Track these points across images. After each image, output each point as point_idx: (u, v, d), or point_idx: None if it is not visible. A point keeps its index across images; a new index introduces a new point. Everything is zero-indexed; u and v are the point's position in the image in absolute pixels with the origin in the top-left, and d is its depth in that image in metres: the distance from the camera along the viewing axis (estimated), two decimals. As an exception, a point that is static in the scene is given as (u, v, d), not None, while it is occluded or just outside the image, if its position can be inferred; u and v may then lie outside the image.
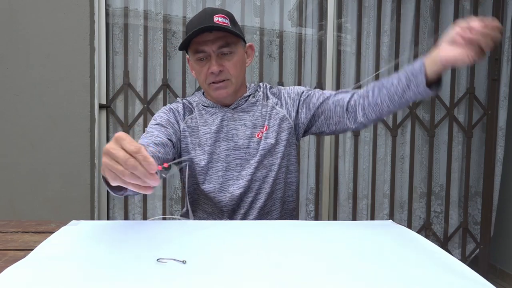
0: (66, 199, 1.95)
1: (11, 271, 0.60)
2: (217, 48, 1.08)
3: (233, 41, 1.10)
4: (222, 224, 0.92)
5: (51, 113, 1.93)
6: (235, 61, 1.11)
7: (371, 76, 2.20)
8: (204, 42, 1.07)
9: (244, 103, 1.17)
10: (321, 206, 2.26)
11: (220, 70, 1.09)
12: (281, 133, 1.14)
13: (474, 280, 0.59)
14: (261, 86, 1.23)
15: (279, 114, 1.16)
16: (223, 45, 1.08)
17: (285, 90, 1.21)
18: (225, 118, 1.14)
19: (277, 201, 1.16)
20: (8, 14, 1.90)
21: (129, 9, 2.13)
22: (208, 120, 1.15)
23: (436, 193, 2.38)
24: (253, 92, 1.19)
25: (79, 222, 0.90)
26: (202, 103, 1.18)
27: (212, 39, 1.07)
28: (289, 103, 1.18)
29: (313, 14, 2.25)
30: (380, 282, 0.58)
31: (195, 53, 1.10)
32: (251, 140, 1.13)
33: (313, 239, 0.79)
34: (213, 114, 1.15)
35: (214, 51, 1.08)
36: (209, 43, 1.07)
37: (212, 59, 1.08)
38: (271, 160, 1.13)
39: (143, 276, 0.60)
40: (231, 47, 1.09)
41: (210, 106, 1.17)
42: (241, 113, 1.16)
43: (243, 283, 0.57)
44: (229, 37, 1.09)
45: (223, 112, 1.15)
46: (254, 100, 1.18)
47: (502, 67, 2.30)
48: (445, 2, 2.29)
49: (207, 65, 1.09)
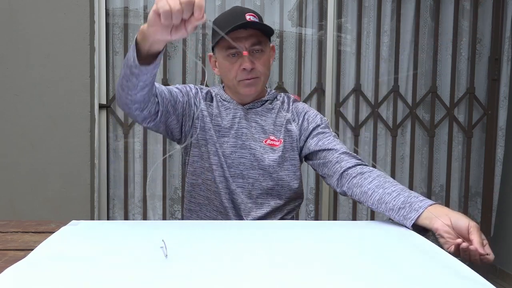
0: (66, 199, 1.95)
1: (11, 271, 0.60)
2: (250, 45, 1.09)
3: (263, 39, 1.11)
4: (223, 224, 0.92)
5: (51, 113, 1.93)
6: (264, 59, 1.12)
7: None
8: (238, 39, 1.08)
9: (260, 107, 1.18)
10: (321, 206, 2.26)
11: (252, 68, 1.09)
12: (291, 151, 1.15)
13: (474, 280, 0.59)
14: (282, 95, 1.23)
15: (293, 132, 1.16)
16: (255, 42, 1.09)
17: (308, 113, 1.19)
18: (238, 116, 1.15)
19: (278, 213, 1.16)
20: (8, 14, 1.90)
21: (129, 9, 2.13)
22: (223, 114, 1.16)
23: (436, 193, 2.38)
24: (271, 98, 1.20)
25: (79, 222, 0.90)
26: (221, 96, 1.19)
27: (245, 36, 1.08)
28: (304, 126, 1.17)
29: (313, 14, 2.25)
30: (380, 282, 0.58)
31: (227, 49, 1.10)
32: (257, 143, 1.14)
33: (313, 239, 0.79)
34: (227, 109, 1.16)
35: (247, 48, 1.09)
36: (243, 39, 1.08)
37: (245, 56, 1.09)
38: (277, 176, 1.13)
39: (143, 276, 0.60)
40: (262, 45, 1.11)
41: (227, 100, 1.17)
42: (253, 115, 1.16)
43: (243, 283, 0.57)
44: (261, 35, 1.10)
45: (237, 109, 1.16)
46: (271, 107, 1.18)
47: (502, 67, 2.30)
48: (445, 2, 2.29)
49: (239, 62, 1.10)
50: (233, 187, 1.12)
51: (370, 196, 0.96)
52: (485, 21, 2.32)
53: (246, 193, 1.13)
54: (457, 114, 2.33)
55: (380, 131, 2.30)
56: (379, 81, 2.26)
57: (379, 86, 2.27)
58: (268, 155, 1.13)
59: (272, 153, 1.13)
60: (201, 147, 1.14)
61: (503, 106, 2.32)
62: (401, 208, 0.89)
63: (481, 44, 2.33)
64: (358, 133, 2.27)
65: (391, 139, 2.30)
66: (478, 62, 2.33)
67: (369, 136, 2.30)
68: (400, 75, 2.28)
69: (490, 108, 2.31)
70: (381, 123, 2.29)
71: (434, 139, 2.33)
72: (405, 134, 2.33)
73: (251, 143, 1.13)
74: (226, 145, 1.13)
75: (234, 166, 1.13)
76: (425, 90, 2.31)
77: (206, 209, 1.17)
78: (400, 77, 2.29)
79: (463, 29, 2.30)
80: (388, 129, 2.29)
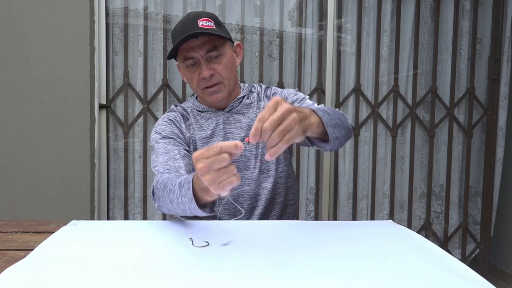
0: (66, 199, 1.95)
1: (11, 271, 0.60)
2: (205, 52, 1.07)
3: (220, 43, 1.09)
4: (223, 225, 0.92)
5: (51, 113, 1.93)
6: (224, 63, 1.09)
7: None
8: (192, 49, 1.06)
9: (239, 105, 1.17)
10: (321, 206, 2.26)
11: (211, 74, 1.08)
12: None
13: (474, 280, 0.59)
14: (255, 86, 1.22)
15: None
16: (210, 48, 1.07)
17: (275, 94, 1.19)
18: (220, 122, 1.14)
19: (277, 206, 1.16)
20: (8, 14, 1.90)
21: (129, 9, 2.13)
22: (204, 125, 1.15)
23: (436, 193, 2.38)
24: (247, 93, 1.19)
25: (79, 222, 0.90)
26: (196, 108, 1.18)
27: (198, 44, 1.06)
28: None
29: (313, 14, 2.25)
30: (380, 282, 0.58)
31: (184, 60, 1.09)
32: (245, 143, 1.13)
33: (313, 239, 0.79)
34: (209, 118, 1.15)
35: (202, 56, 1.07)
36: (197, 48, 1.06)
37: (202, 64, 1.07)
38: (269, 166, 1.13)
39: (143, 276, 0.60)
40: (219, 49, 1.08)
41: (205, 110, 1.16)
42: (236, 115, 1.15)
43: (244, 283, 0.57)
44: (216, 40, 1.08)
45: (218, 116, 1.15)
46: (249, 101, 1.17)
47: (502, 67, 2.30)
48: (445, 2, 2.29)
49: (198, 71, 1.09)
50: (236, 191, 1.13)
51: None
52: (485, 21, 2.32)
53: (244, 196, 1.13)
54: (457, 114, 2.33)
55: (380, 131, 2.30)
56: (379, 81, 2.26)
57: (379, 86, 2.27)
58: (261, 151, 1.12)
59: (263, 147, 1.12)
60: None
61: (503, 106, 2.32)
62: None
63: (481, 44, 2.33)
64: (358, 133, 2.27)
65: (391, 139, 2.30)
66: (478, 62, 2.33)
67: (369, 136, 2.30)
68: (400, 75, 2.28)
69: (490, 108, 2.31)
70: (381, 123, 2.29)
71: (434, 139, 2.33)
72: (405, 134, 2.33)
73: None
74: None
75: None
76: (425, 90, 2.31)
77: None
78: (400, 77, 2.28)
79: (463, 29, 2.30)
80: (388, 129, 2.29)
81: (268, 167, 1.13)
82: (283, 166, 1.16)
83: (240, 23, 2.18)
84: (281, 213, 1.17)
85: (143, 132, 2.16)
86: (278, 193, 1.16)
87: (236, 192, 1.12)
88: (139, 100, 2.14)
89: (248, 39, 2.20)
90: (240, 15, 2.18)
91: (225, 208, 1.14)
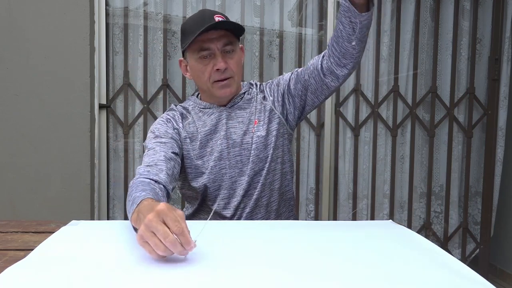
0: (66, 199, 1.95)
1: (11, 271, 0.60)
2: (222, 45, 1.10)
3: (234, 40, 1.13)
4: (223, 224, 0.92)
5: (51, 113, 1.93)
6: (236, 59, 1.13)
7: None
8: (210, 40, 1.09)
9: (240, 101, 1.19)
10: (321, 206, 2.26)
11: (226, 67, 1.10)
12: (270, 124, 1.17)
13: (474, 280, 0.59)
14: (252, 83, 1.26)
15: (267, 106, 1.18)
16: (227, 42, 1.11)
17: (266, 85, 1.24)
18: (223, 117, 1.16)
19: (274, 192, 1.18)
20: (8, 14, 1.90)
21: (129, 9, 2.13)
22: (207, 121, 1.16)
23: (436, 193, 2.38)
24: (247, 89, 1.22)
25: (79, 222, 0.90)
26: (198, 106, 1.19)
27: (216, 37, 1.09)
28: (275, 96, 1.20)
29: (313, 14, 2.25)
30: (380, 282, 0.58)
31: (199, 51, 1.10)
32: (246, 135, 1.15)
33: (313, 239, 0.79)
34: (211, 114, 1.17)
35: (219, 48, 1.10)
36: (215, 40, 1.09)
37: (218, 56, 1.10)
38: (265, 152, 1.15)
39: (143, 276, 0.60)
40: (233, 45, 1.12)
41: (207, 107, 1.18)
42: (238, 110, 1.18)
43: (244, 283, 0.57)
44: (231, 36, 1.11)
45: (221, 111, 1.17)
46: (249, 97, 1.20)
47: (502, 67, 2.30)
48: (445, 2, 2.29)
49: (212, 63, 1.10)
50: (235, 186, 1.15)
51: (346, 48, 1.05)
52: (485, 21, 2.32)
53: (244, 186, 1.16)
54: (457, 114, 2.33)
55: (380, 131, 2.30)
56: (379, 81, 2.26)
57: (379, 86, 2.27)
58: (255, 140, 1.15)
59: (256, 135, 1.15)
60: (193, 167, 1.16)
61: (503, 106, 2.31)
62: (351, 21, 1.00)
63: (481, 44, 2.33)
64: (358, 133, 2.27)
65: (391, 139, 2.30)
66: (478, 62, 2.33)
67: (369, 136, 2.30)
68: (400, 75, 2.28)
69: (490, 108, 2.31)
70: (381, 123, 2.29)
71: (434, 139, 2.33)
72: (405, 134, 2.33)
73: (240, 139, 1.15)
74: (220, 147, 1.14)
75: (233, 166, 1.15)
76: (425, 90, 2.31)
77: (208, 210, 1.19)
78: (400, 77, 2.28)
79: (463, 29, 2.30)
80: (388, 129, 2.29)
81: (263, 154, 1.16)
82: (278, 152, 1.18)
83: (240, 23, 2.18)
84: (279, 199, 1.19)
85: (143, 132, 2.16)
86: (275, 179, 1.18)
87: (238, 184, 1.15)
88: (139, 100, 2.14)
89: (248, 39, 2.20)
90: (240, 15, 2.18)
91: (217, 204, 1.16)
